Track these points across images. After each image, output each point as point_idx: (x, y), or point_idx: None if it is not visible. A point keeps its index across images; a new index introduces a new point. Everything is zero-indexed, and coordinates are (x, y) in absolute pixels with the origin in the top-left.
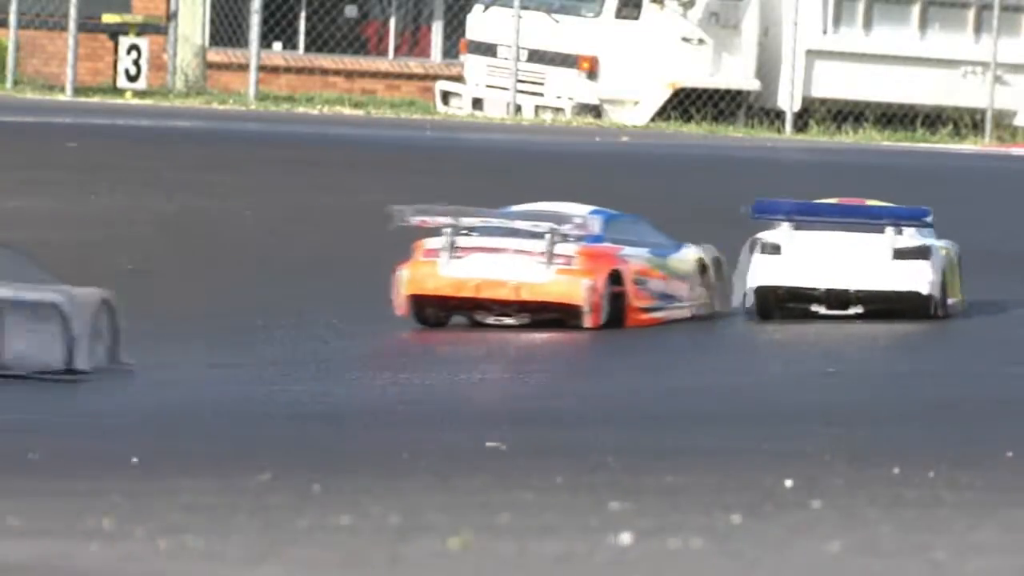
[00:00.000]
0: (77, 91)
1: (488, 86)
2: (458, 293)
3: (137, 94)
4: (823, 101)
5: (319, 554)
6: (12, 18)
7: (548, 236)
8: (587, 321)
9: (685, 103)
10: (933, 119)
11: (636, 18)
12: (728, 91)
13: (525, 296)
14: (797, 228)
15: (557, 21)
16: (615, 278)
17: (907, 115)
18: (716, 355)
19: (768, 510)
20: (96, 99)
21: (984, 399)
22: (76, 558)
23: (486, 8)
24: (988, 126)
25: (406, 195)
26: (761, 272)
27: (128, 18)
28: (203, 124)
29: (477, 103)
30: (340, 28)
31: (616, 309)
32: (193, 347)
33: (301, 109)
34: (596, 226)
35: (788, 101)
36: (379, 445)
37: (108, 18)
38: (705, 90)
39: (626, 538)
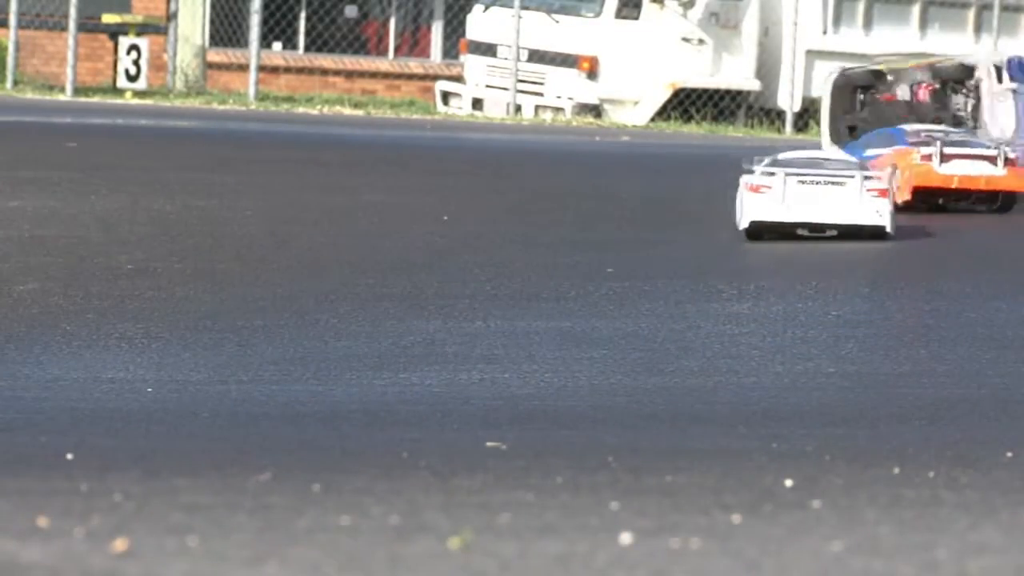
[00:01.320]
0: (77, 91)
1: (488, 86)
2: (946, 185)
3: (137, 94)
4: None
5: (319, 554)
6: (12, 18)
7: (1000, 148)
8: None
9: (685, 103)
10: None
11: (636, 18)
12: (728, 91)
13: (994, 186)
14: None
15: (557, 21)
16: None
17: None
18: (716, 355)
19: (768, 510)
20: (96, 99)
21: (984, 399)
22: (76, 558)
23: (486, 8)
24: None
25: (406, 195)
26: None
27: (128, 18)
28: (203, 124)
29: (477, 103)
30: (340, 28)
31: None
32: (193, 347)
33: (301, 109)
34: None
35: (788, 101)
36: (379, 445)
37: (108, 18)
38: (705, 90)
39: (626, 538)
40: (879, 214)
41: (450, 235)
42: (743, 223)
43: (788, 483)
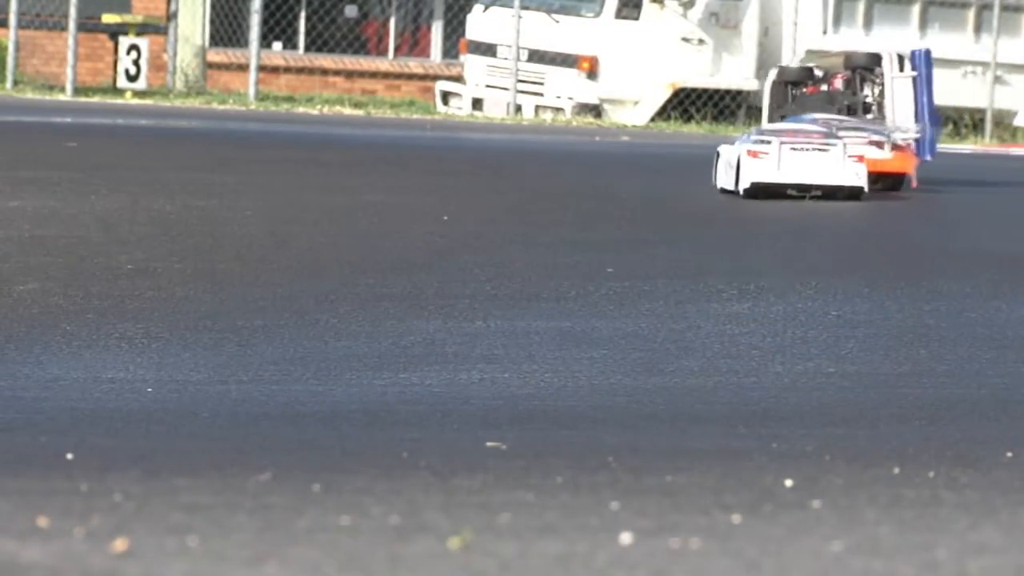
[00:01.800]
0: (77, 91)
1: (488, 86)
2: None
3: (137, 94)
4: None
5: (319, 554)
6: (12, 18)
7: (889, 134)
8: (913, 183)
9: (685, 103)
10: None
11: (636, 18)
12: (728, 91)
13: (879, 168)
14: None
15: (557, 21)
16: None
17: None
18: (716, 355)
19: (768, 510)
20: (96, 99)
21: (984, 399)
22: (76, 558)
23: (486, 8)
24: (988, 126)
25: (406, 195)
26: None
27: (128, 18)
28: (203, 124)
29: (477, 103)
30: (340, 28)
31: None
32: (193, 347)
33: (301, 109)
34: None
35: None
36: (379, 445)
37: (108, 18)
38: (705, 90)
39: (626, 538)
40: (858, 176)
41: (450, 235)
42: (743, 184)
43: (788, 483)
